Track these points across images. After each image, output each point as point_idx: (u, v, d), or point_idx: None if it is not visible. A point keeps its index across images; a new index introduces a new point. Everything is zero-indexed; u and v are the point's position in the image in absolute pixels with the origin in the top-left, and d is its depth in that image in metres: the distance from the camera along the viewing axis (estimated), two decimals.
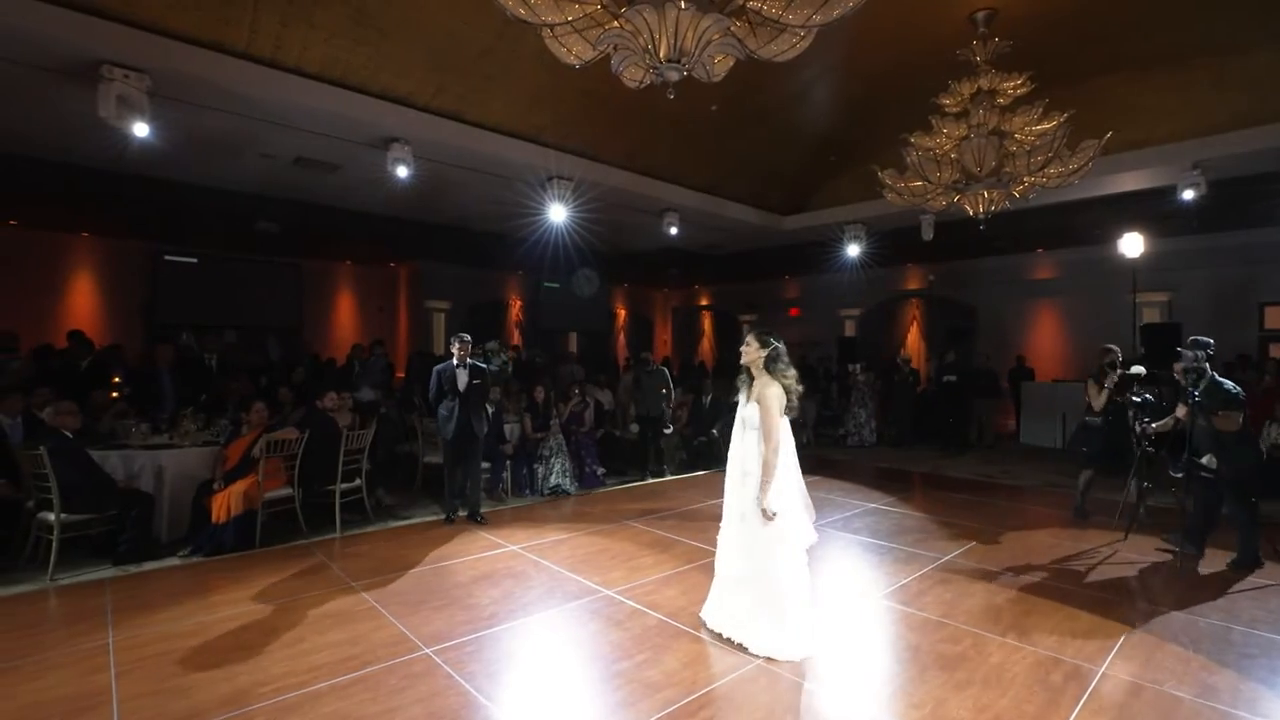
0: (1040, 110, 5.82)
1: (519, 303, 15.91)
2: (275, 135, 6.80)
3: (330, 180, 8.30)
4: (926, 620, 3.67)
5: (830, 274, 12.41)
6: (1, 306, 9.79)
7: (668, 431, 8.08)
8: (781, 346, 3.43)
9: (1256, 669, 3.13)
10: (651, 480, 7.80)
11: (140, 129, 5.30)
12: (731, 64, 3.94)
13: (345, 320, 14.05)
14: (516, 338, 15.68)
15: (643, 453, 8.20)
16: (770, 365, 3.37)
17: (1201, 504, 4.84)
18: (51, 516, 4.29)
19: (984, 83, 5.91)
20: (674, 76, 3.48)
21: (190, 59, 5.38)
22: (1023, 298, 12.52)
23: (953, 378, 10.26)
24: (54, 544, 4.27)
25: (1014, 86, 5.91)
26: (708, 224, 10.43)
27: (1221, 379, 4.69)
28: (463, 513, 5.94)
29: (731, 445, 3.49)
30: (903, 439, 10.77)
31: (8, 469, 4.65)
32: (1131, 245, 8.77)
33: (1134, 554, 4.91)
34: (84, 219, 10.35)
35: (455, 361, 5.88)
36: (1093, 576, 4.43)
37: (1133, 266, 9.18)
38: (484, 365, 6.34)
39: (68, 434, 4.47)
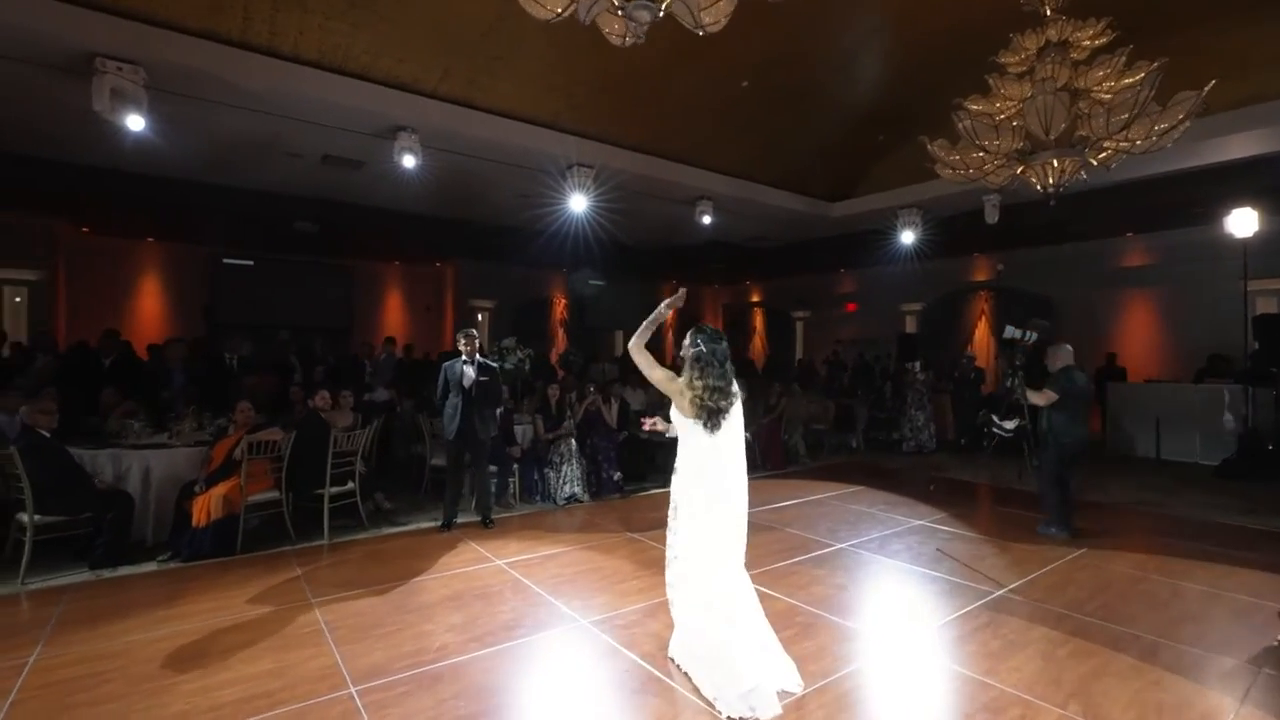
0: (1123, 60, 4.89)
1: (563, 301, 15.65)
2: (294, 132, 6.67)
3: (363, 179, 8.17)
4: (966, 679, 2.95)
5: (888, 265, 11.45)
6: (80, 309, 10.32)
7: None
8: (709, 350, 2.91)
9: None
10: None
11: (135, 122, 5.18)
12: (730, 8, 3.36)
13: (394, 320, 14.16)
14: (562, 336, 15.41)
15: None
16: (690, 366, 2.94)
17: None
18: (27, 517, 4.17)
19: (1053, 33, 5.04)
20: (645, 17, 2.93)
21: (184, 49, 5.24)
22: (1109, 288, 11.13)
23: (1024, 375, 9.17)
24: (27, 546, 4.15)
25: (1091, 37, 5.01)
26: (746, 212, 9.75)
27: (1073, 374, 5.16)
28: (468, 517, 5.58)
29: None
30: (961, 444, 9.74)
31: None
32: (1242, 223, 7.53)
33: (1242, 593, 3.98)
34: (148, 224, 10.75)
35: (463, 358, 5.57)
36: (1186, 623, 3.56)
37: (1243, 248, 7.89)
38: (494, 364, 5.98)
39: (44, 433, 4.35)
